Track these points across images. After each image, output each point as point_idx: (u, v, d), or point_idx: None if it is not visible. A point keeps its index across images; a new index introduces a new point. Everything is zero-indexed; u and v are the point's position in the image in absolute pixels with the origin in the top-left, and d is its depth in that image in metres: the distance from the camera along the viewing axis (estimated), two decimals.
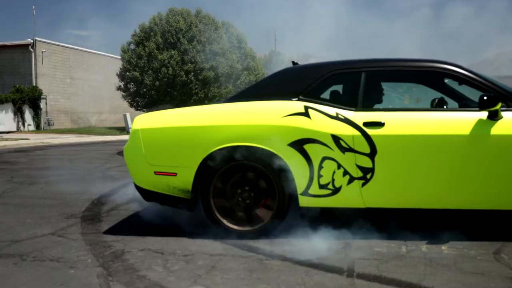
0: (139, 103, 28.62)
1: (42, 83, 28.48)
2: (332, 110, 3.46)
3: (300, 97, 3.57)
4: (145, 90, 27.39)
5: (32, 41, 27.93)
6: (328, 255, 3.07)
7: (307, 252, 3.15)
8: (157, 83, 26.12)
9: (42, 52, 28.45)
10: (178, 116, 3.83)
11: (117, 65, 29.53)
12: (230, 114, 3.63)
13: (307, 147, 3.38)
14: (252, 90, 3.96)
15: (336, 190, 3.39)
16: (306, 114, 3.45)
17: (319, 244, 3.32)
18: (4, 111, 25.84)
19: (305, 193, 3.42)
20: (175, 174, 3.58)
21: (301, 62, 4.53)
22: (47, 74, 29.07)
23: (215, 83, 27.98)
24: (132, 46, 28.09)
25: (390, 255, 3.05)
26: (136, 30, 28.11)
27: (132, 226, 3.96)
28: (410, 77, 4.35)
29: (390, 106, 4.13)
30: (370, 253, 3.10)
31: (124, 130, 25.37)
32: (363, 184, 3.36)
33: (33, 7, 28.47)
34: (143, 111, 32.48)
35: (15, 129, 26.27)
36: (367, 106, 3.57)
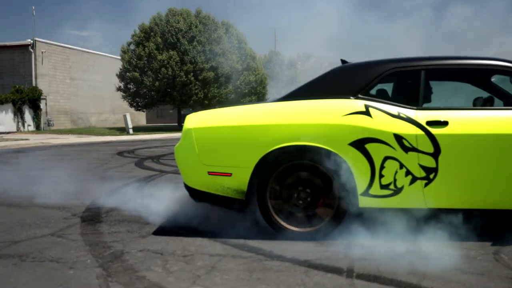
0: (139, 104, 28.64)
1: (42, 84, 28.49)
2: (393, 109, 3.39)
3: (359, 95, 3.50)
4: (145, 90, 27.41)
5: (32, 41, 27.96)
6: (328, 256, 3.07)
7: (306, 252, 3.14)
8: (157, 83, 26.13)
9: (42, 52, 28.47)
10: (233, 115, 3.71)
11: (117, 65, 29.55)
12: (288, 113, 3.54)
13: (369, 146, 3.31)
14: (307, 89, 3.80)
15: (397, 191, 3.32)
16: (367, 113, 3.38)
17: (318, 244, 3.32)
18: (4, 112, 25.85)
19: (365, 193, 3.35)
20: (230, 175, 3.51)
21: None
22: (47, 75, 29.08)
23: (215, 84, 27.99)
24: (132, 47, 28.10)
25: (389, 256, 3.04)
26: (136, 30, 28.12)
27: (132, 226, 3.96)
28: (470, 76, 4.18)
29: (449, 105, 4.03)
30: (370, 254, 3.10)
31: (124, 130, 25.36)
32: (426, 184, 3.30)
33: (33, 7, 28.48)
34: (142, 111, 32.60)
35: (15, 130, 26.28)
36: (427, 104, 3.51)
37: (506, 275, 2.68)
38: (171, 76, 25.95)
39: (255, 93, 36.59)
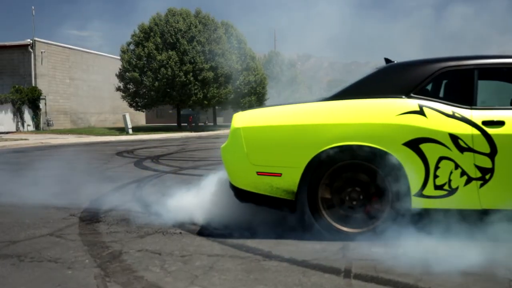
0: (139, 104, 28.64)
1: (42, 84, 28.50)
2: (448, 108, 3.35)
3: (412, 94, 3.45)
4: (144, 90, 27.41)
5: (31, 41, 27.96)
6: (326, 256, 3.08)
7: (304, 252, 3.15)
8: (156, 83, 26.13)
9: (42, 52, 28.48)
10: (283, 114, 3.64)
11: (117, 65, 29.56)
12: (340, 112, 3.48)
13: (423, 146, 3.27)
14: (355, 88, 3.73)
15: (452, 191, 3.28)
16: (421, 112, 3.33)
17: (316, 244, 3.33)
18: (3, 112, 25.85)
19: (418, 194, 3.31)
20: (279, 175, 3.46)
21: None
22: (46, 75, 29.08)
23: (215, 84, 27.99)
24: (132, 47, 28.10)
25: (387, 256, 3.05)
26: (136, 30, 28.12)
27: (130, 226, 3.96)
28: None
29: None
30: (368, 254, 3.10)
31: (123, 130, 25.36)
32: (481, 185, 3.26)
33: (33, 7, 28.47)
34: (142, 111, 32.59)
35: (14, 130, 26.27)
36: (481, 104, 3.46)
37: (504, 275, 2.69)
38: (170, 76, 25.95)
39: (255, 93, 36.61)
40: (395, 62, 4.03)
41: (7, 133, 24.25)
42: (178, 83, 26.19)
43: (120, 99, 29.59)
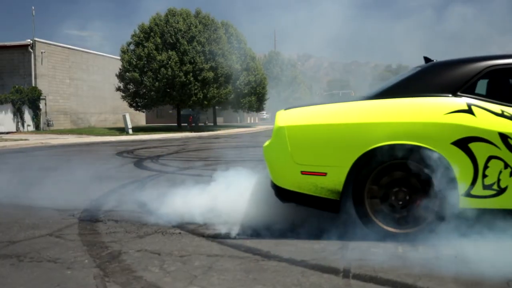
0: (139, 104, 28.64)
1: (42, 84, 28.50)
2: (496, 107, 3.31)
3: (459, 93, 3.41)
4: (144, 90, 27.40)
5: (31, 41, 27.95)
6: (325, 256, 3.08)
7: (303, 253, 3.15)
8: (156, 83, 26.13)
9: (42, 52, 28.48)
10: (328, 113, 3.59)
11: (117, 65, 29.56)
12: (387, 111, 3.43)
13: (472, 145, 3.24)
14: (400, 87, 3.68)
15: (501, 191, 3.25)
16: (469, 111, 3.30)
17: (315, 244, 3.33)
18: (3, 112, 25.85)
19: (466, 193, 3.28)
20: (324, 174, 3.42)
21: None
22: (46, 75, 29.08)
23: (215, 84, 27.99)
24: (132, 47, 28.09)
25: (386, 256, 3.05)
26: (136, 30, 28.12)
27: (130, 227, 3.97)
28: None
29: None
30: (367, 254, 3.11)
31: (123, 130, 25.37)
32: None
33: (33, 7, 28.47)
34: (142, 112, 32.59)
35: (14, 130, 26.27)
36: None
37: (503, 276, 2.69)
38: (170, 76, 25.95)
39: (255, 93, 36.62)
40: (436, 60, 3.99)
41: (7, 133, 24.26)
42: (178, 83, 26.19)
43: (120, 99, 29.58)
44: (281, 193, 3.62)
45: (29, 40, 28.06)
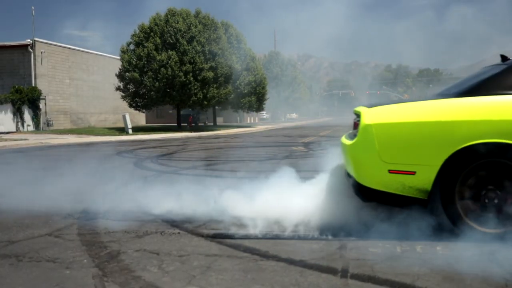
0: (139, 104, 28.63)
1: (41, 84, 28.49)
2: None
3: None
4: (144, 90, 27.39)
5: (31, 41, 27.94)
6: (323, 256, 3.08)
7: (302, 252, 3.16)
8: (156, 83, 26.12)
9: (42, 52, 28.47)
10: (417, 110, 3.50)
11: (117, 65, 29.55)
12: (478, 109, 3.34)
13: None
14: (487, 84, 3.56)
15: None
16: None
17: (314, 244, 3.34)
18: (3, 112, 25.85)
19: None
20: (413, 173, 3.35)
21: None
22: (46, 75, 29.07)
23: (214, 84, 27.98)
24: (132, 47, 28.08)
25: (384, 256, 3.06)
26: (136, 30, 28.11)
27: (129, 226, 3.97)
28: None
29: None
30: (365, 254, 3.11)
31: (123, 130, 25.36)
32: None
33: (33, 7, 28.45)
34: (142, 112, 32.57)
35: (14, 130, 26.27)
36: None
37: (501, 276, 2.69)
38: (170, 76, 25.94)
39: (255, 93, 36.61)
40: None
41: (7, 133, 24.26)
42: (178, 83, 26.18)
43: (120, 99, 29.58)
44: (365, 192, 3.55)
45: (29, 40, 28.04)
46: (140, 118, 40.04)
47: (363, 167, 3.54)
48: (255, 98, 36.87)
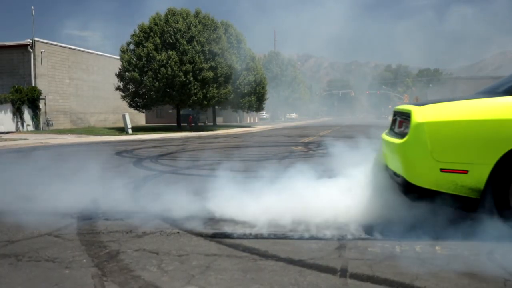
0: (138, 104, 28.63)
1: (41, 83, 28.48)
2: None
3: None
4: (144, 90, 27.39)
5: (31, 41, 27.94)
6: (322, 256, 3.09)
7: (301, 252, 3.16)
8: (156, 83, 26.12)
9: (41, 52, 28.46)
10: (470, 109, 3.45)
11: (117, 65, 29.55)
12: None
13: None
14: None
15: None
16: None
17: (313, 244, 3.34)
18: (3, 112, 25.84)
19: None
20: (466, 172, 3.30)
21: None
22: (46, 74, 29.07)
23: (214, 84, 27.98)
24: (132, 47, 28.08)
25: (383, 256, 3.06)
26: (136, 30, 28.11)
27: (128, 226, 3.97)
28: None
29: None
30: (364, 253, 3.12)
31: (123, 130, 25.36)
32: None
33: (32, 7, 28.45)
34: (142, 112, 32.58)
35: (14, 130, 26.26)
36: None
37: (499, 275, 2.69)
38: (170, 76, 25.94)
39: (255, 93, 36.61)
40: None
41: (6, 133, 24.25)
42: (178, 83, 26.17)
43: (120, 99, 29.58)
44: (414, 191, 3.50)
45: (28, 40, 28.04)
46: (140, 118, 40.04)
47: (414, 166, 3.49)
48: (255, 98, 36.88)
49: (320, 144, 14.48)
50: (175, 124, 31.72)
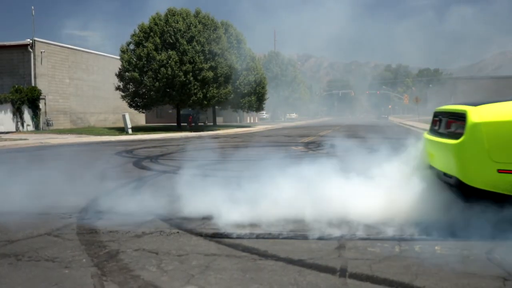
0: (138, 104, 28.62)
1: (41, 83, 28.48)
2: None
3: None
4: (144, 90, 27.39)
5: (31, 41, 27.93)
6: (322, 255, 3.09)
7: (300, 252, 3.16)
8: (156, 83, 26.11)
9: (41, 52, 28.46)
10: None
11: (116, 65, 29.54)
12: None
13: None
14: None
15: None
16: None
17: (313, 244, 3.34)
18: (3, 112, 25.84)
19: None
20: None
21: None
22: (46, 74, 29.06)
23: (214, 83, 27.98)
24: (132, 47, 28.08)
25: (383, 255, 3.06)
26: (136, 30, 28.10)
27: (128, 226, 3.97)
28: None
29: None
30: (364, 253, 3.12)
31: (123, 130, 25.36)
32: None
33: (32, 7, 28.44)
34: (142, 112, 32.59)
35: (14, 130, 26.26)
36: None
37: (498, 275, 2.70)
38: (170, 76, 25.94)
39: (255, 93, 36.61)
40: None
41: (6, 133, 24.25)
42: (178, 83, 26.17)
43: (120, 99, 29.58)
44: (470, 192, 3.44)
45: (28, 40, 28.03)
46: (140, 118, 40.04)
47: (470, 167, 3.43)
48: (255, 98, 36.88)
49: (320, 144, 14.47)
50: (175, 124, 31.72)
